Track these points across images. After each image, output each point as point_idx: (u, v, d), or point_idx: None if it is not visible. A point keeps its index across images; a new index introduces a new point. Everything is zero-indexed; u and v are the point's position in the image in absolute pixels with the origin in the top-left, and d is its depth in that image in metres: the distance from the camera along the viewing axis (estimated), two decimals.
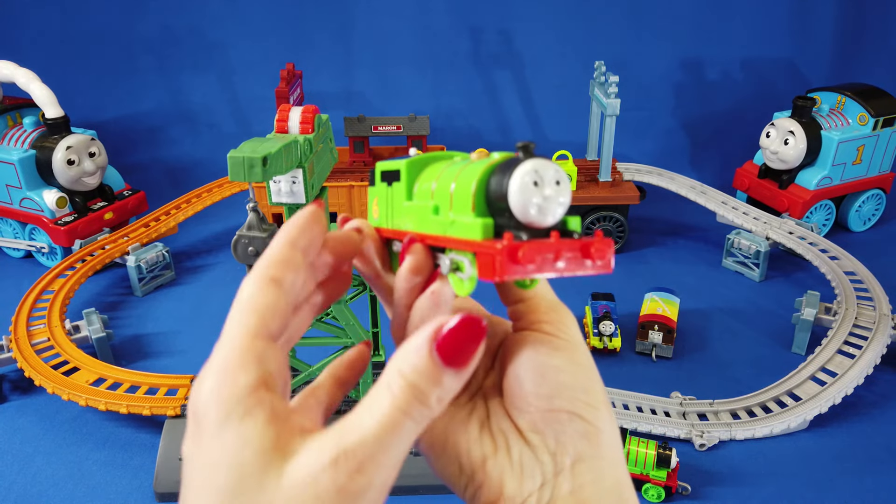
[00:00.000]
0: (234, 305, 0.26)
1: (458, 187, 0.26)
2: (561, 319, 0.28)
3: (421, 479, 1.00)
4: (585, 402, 0.27)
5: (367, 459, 0.22)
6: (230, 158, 0.70)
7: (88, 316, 1.27)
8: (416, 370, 0.22)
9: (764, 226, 1.56)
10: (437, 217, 0.27)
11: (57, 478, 1.03)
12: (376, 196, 0.32)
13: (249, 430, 0.23)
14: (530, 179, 0.23)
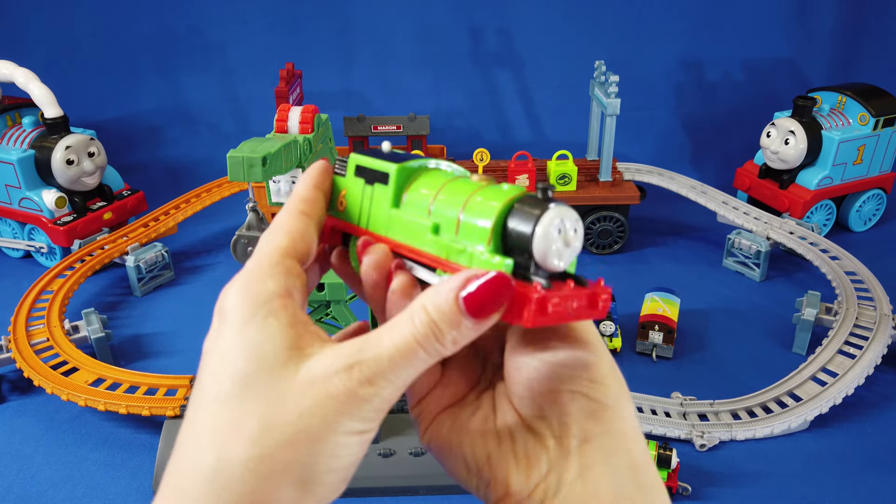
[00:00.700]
0: (267, 230, 0.28)
1: (470, 217, 0.26)
2: None
3: (421, 479, 1.00)
4: (587, 378, 0.26)
5: (377, 374, 0.23)
6: (230, 158, 0.70)
7: (87, 316, 1.27)
8: (440, 310, 0.24)
9: (764, 226, 1.56)
10: (437, 238, 0.27)
11: (56, 478, 1.03)
12: (345, 188, 0.31)
13: (272, 327, 0.24)
14: (555, 229, 0.24)
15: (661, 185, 1.75)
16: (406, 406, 1.14)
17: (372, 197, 0.30)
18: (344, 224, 0.31)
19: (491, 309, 0.24)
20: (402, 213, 0.29)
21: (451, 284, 0.24)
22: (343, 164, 0.32)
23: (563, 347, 0.27)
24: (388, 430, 1.03)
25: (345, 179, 0.32)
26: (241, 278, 0.26)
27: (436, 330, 0.24)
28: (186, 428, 0.25)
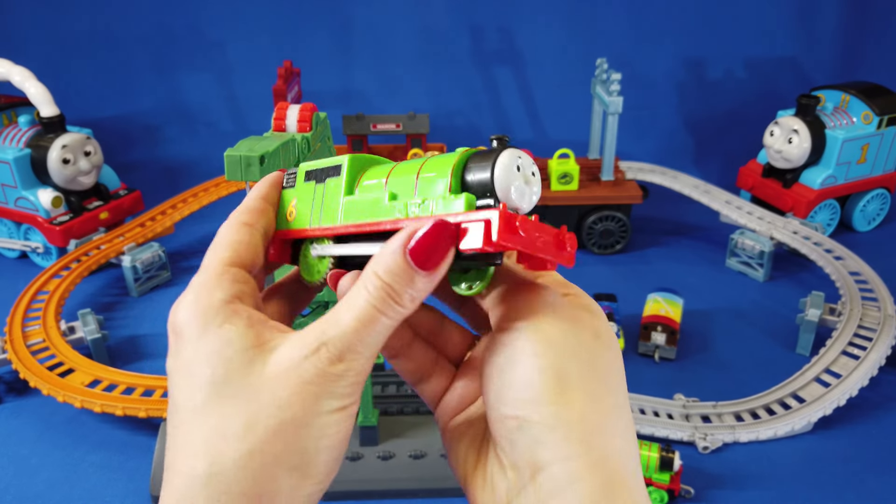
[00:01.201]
0: (210, 246, 0.29)
1: (427, 173, 0.26)
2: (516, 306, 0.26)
3: (420, 482, 0.99)
4: (530, 399, 0.24)
5: (345, 349, 0.24)
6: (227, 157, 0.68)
7: (84, 317, 1.26)
8: (390, 271, 0.24)
9: (768, 225, 1.55)
10: (395, 203, 0.27)
11: (52, 480, 1.02)
12: (294, 197, 0.32)
13: (230, 332, 0.24)
14: (513, 164, 0.25)
15: (664, 185, 1.74)
16: (406, 409, 1.14)
17: (324, 192, 0.30)
18: (295, 232, 0.31)
19: (438, 256, 0.23)
20: (357, 197, 0.29)
21: (395, 244, 0.24)
22: (292, 176, 0.32)
23: (507, 367, 0.25)
24: (387, 433, 1.03)
25: (294, 190, 0.32)
26: (188, 294, 0.26)
27: (391, 291, 0.24)
28: (171, 447, 0.25)
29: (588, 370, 0.25)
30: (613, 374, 0.26)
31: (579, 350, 0.25)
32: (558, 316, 0.25)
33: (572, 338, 0.25)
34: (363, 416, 1.00)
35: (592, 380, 0.25)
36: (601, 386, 0.25)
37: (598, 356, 0.25)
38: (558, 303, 0.26)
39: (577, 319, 0.26)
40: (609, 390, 0.25)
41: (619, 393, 0.26)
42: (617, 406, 0.25)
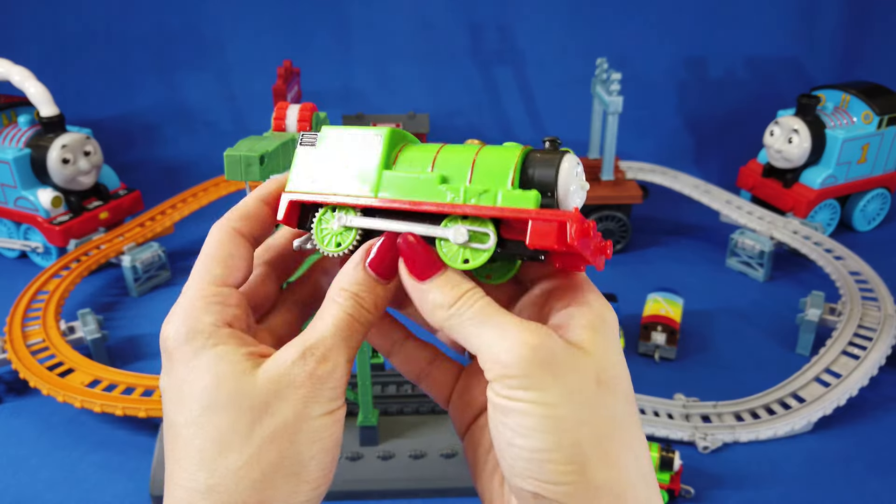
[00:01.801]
0: (201, 253, 0.30)
1: (486, 162, 0.27)
2: (508, 373, 0.24)
3: (420, 482, 0.99)
4: (540, 479, 0.23)
5: (327, 350, 0.26)
6: (227, 157, 0.68)
7: (84, 317, 1.26)
8: (355, 282, 0.27)
9: (768, 225, 1.55)
10: (447, 186, 0.27)
11: (52, 480, 1.02)
12: (314, 159, 0.31)
13: (222, 350, 0.26)
14: (573, 168, 0.27)
15: (664, 185, 1.74)
16: (406, 409, 1.14)
17: (356, 162, 0.30)
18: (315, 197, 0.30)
19: (392, 265, 0.27)
20: (397, 172, 0.29)
21: (356, 259, 0.28)
22: (314, 137, 0.31)
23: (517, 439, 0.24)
24: (387, 433, 1.03)
25: (314, 150, 0.31)
26: (178, 314, 0.27)
27: (358, 299, 0.27)
28: (169, 460, 0.26)
29: (600, 436, 0.24)
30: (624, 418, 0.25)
31: (587, 413, 0.24)
32: (559, 376, 0.24)
33: (576, 401, 0.24)
34: (363, 416, 1.00)
35: (606, 443, 0.24)
36: (614, 443, 0.24)
37: (604, 409, 0.25)
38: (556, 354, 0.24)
39: (577, 369, 0.24)
40: (623, 442, 0.25)
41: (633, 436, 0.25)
42: (636, 458, 0.25)
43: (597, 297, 0.27)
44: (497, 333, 0.25)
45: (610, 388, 0.25)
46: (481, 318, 0.25)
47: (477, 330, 0.25)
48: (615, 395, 0.25)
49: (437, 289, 0.26)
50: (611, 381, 0.25)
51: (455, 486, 0.98)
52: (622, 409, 0.25)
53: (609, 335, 0.26)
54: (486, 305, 0.26)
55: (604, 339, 0.26)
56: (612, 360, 0.26)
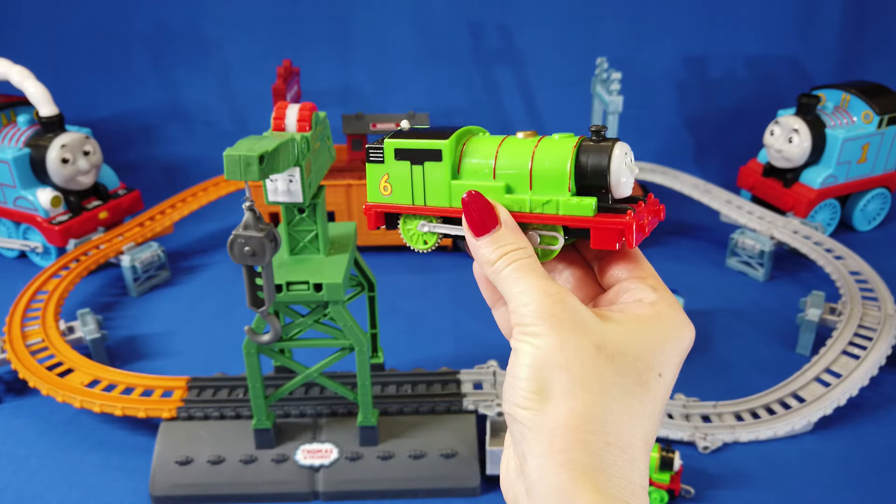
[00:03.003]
0: None
1: (543, 168, 0.30)
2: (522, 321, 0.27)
3: (420, 482, 0.99)
4: (514, 401, 0.26)
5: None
6: (226, 157, 0.68)
7: (83, 317, 1.26)
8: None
9: (768, 225, 1.55)
10: (514, 196, 0.30)
11: (52, 480, 1.02)
12: (385, 173, 0.33)
13: None
14: (623, 159, 0.29)
15: (664, 184, 1.74)
16: (406, 409, 1.13)
17: (424, 174, 0.32)
18: (394, 207, 0.33)
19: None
20: (464, 181, 0.31)
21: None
22: (379, 152, 0.33)
23: None
24: (387, 433, 1.02)
25: (384, 165, 0.33)
26: None
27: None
28: None
29: (575, 383, 0.26)
30: (613, 385, 0.26)
31: (571, 363, 0.26)
32: (557, 329, 0.27)
33: (565, 351, 0.26)
34: (363, 416, 0.99)
35: (577, 392, 0.26)
36: (588, 396, 0.26)
37: (595, 368, 0.26)
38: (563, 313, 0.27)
39: (579, 329, 0.27)
40: (598, 401, 0.26)
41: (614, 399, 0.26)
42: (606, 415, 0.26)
43: (671, 303, 0.29)
44: (523, 289, 0.28)
45: (610, 358, 0.27)
46: (517, 276, 0.28)
47: (510, 286, 0.28)
48: (614, 364, 0.26)
49: (487, 245, 0.29)
50: (615, 354, 0.27)
51: (455, 486, 0.98)
52: (617, 380, 0.27)
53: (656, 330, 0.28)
54: (524, 265, 0.28)
55: (639, 327, 0.28)
56: (636, 345, 0.27)
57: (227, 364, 1.22)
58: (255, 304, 0.78)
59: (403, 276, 1.56)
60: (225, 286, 1.52)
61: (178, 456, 0.99)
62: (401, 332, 1.31)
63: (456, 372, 1.13)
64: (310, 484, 0.98)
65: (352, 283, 1.03)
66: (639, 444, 0.26)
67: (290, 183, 0.82)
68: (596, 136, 0.29)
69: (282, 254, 0.90)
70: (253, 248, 0.72)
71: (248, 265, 0.74)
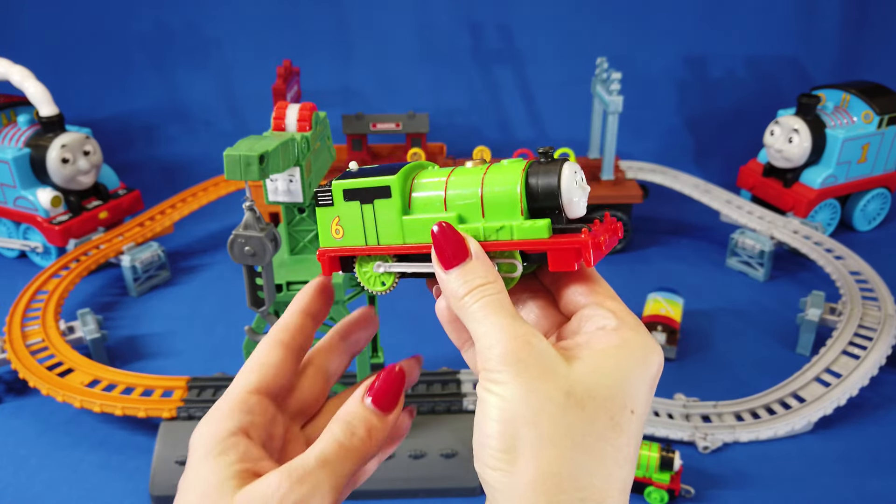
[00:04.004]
0: (246, 363, 0.32)
1: (494, 193, 0.29)
2: (489, 366, 0.26)
3: (420, 482, 0.99)
4: (485, 461, 0.26)
5: (306, 474, 0.27)
6: (226, 157, 0.68)
7: (83, 316, 1.26)
8: (351, 414, 0.29)
9: (768, 225, 1.55)
10: (467, 226, 0.29)
11: (52, 480, 1.02)
12: (336, 216, 0.32)
13: (220, 464, 0.27)
14: (573, 178, 0.28)
15: (664, 184, 1.74)
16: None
17: (374, 213, 0.31)
18: (348, 249, 0.32)
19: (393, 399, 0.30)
20: (415, 216, 0.30)
21: (358, 394, 0.30)
22: (327, 195, 0.32)
23: None
24: None
25: (333, 208, 0.32)
26: (209, 415, 0.29)
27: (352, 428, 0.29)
28: None
29: (545, 439, 0.24)
30: (585, 435, 0.25)
31: (540, 415, 0.25)
32: (524, 376, 0.25)
33: (531, 403, 0.25)
34: None
35: (547, 449, 0.24)
36: (558, 452, 0.24)
37: (564, 419, 0.25)
38: (529, 357, 0.25)
39: (546, 376, 0.25)
40: (569, 457, 0.24)
41: (587, 452, 0.25)
42: (580, 471, 0.24)
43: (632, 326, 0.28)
44: (489, 329, 0.26)
45: (580, 405, 0.25)
46: (484, 313, 0.27)
47: (476, 324, 0.27)
48: (584, 411, 0.25)
49: (457, 278, 0.28)
50: (585, 400, 0.25)
51: (455, 486, 0.98)
52: (588, 428, 0.25)
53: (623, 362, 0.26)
54: (492, 302, 0.27)
55: (606, 362, 0.26)
56: (603, 384, 0.26)
57: (227, 364, 1.22)
58: (255, 304, 0.78)
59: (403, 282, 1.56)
60: (225, 286, 1.52)
61: (178, 456, 0.99)
62: (401, 332, 1.31)
63: (456, 372, 1.13)
64: None
65: (352, 283, 1.03)
66: (615, 495, 0.25)
67: (290, 183, 0.82)
68: (544, 157, 0.29)
69: (282, 254, 0.90)
70: (253, 247, 0.72)
71: (248, 265, 0.74)
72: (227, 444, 0.28)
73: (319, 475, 0.27)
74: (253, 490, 0.27)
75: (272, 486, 0.26)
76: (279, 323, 0.32)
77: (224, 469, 0.27)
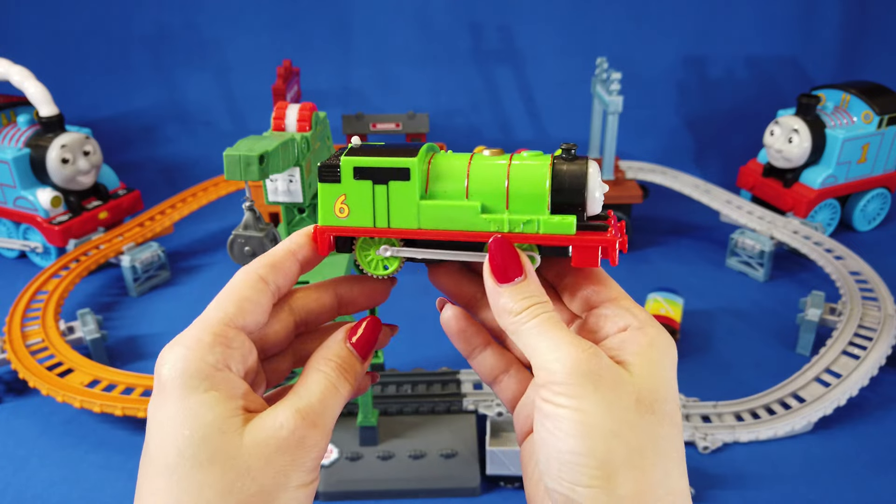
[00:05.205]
0: (222, 290, 0.30)
1: (521, 187, 0.29)
2: (556, 379, 0.26)
3: (420, 482, 0.99)
4: (570, 482, 0.25)
5: (317, 417, 0.27)
6: (226, 157, 0.68)
7: (83, 317, 1.26)
8: (339, 356, 0.29)
9: (768, 225, 1.55)
10: (491, 216, 0.29)
11: (52, 480, 1.02)
12: (342, 193, 0.31)
13: (212, 398, 0.26)
14: (597, 176, 0.29)
15: (664, 184, 1.74)
16: (406, 409, 1.13)
17: (389, 193, 0.30)
18: (351, 230, 0.31)
19: (370, 346, 0.30)
20: (435, 201, 0.30)
21: (339, 336, 0.30)
22: (335, 170, 0.30)
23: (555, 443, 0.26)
24: (387, 433, 1.02)
25: (340, 185, 0.30)
26: (181, 345, 0.27)
27: (342, 371, 0.29)
28: (140, 496, 0.25)
29: (634, 451, 0.25)
30: (660, 439, 0.26)
31: (622, 427, 0.25)
32: (600, 389, 0.25)
33: (613, 414, 0.25)
34: (363, 416, 0.99)
35: (637, 460, 0.25)
36: (648, 462, 0.25)
37: (643, 426, 0.25)
38: (601, 370, 0.26)
39: (619, 385, 0.26)
40: (658, 465, 0.25)
41: (665, 455, 0.26)
42: (665, 476, 0.25)
43: (651, 322, 0.29)
44: (550, 345, 0.27)
45: (650, 409, 0.26)
46: (540, 330, 0.27)
47: (534, 340, 0.27)
48: (654, 415, 0.26)
49: (510, 295, 0.28)
50: (653, 403, 0.26)
51: (455, 486, 0.98)
52: (661, 431, 0.26)
53: (659, 360, 0.27)
54: (548, 319, 0.28)
55: (651, 363, 0.27)
56: (658, 384, 0.27)
57: None
58: None
59: (403, 275, 1.55)
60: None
61: None
62: (401, 332, 1.30)
63: (456, 372, 1.13)
64: None
65: None
66: (687, 490, 0.26)
67: (290, 183, 0.82)
68: (567, 154, 0.29)
69: None
70: (253, 248, 0.72)
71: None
72: (215, 378, 0.26)
73: (326, 416, 0.27)
74: (263, 429, 0.25)
75: (286, 426, 0.25)
76: (265, 258, 0.31)
77: (219, 405, 0.25)
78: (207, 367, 0.26)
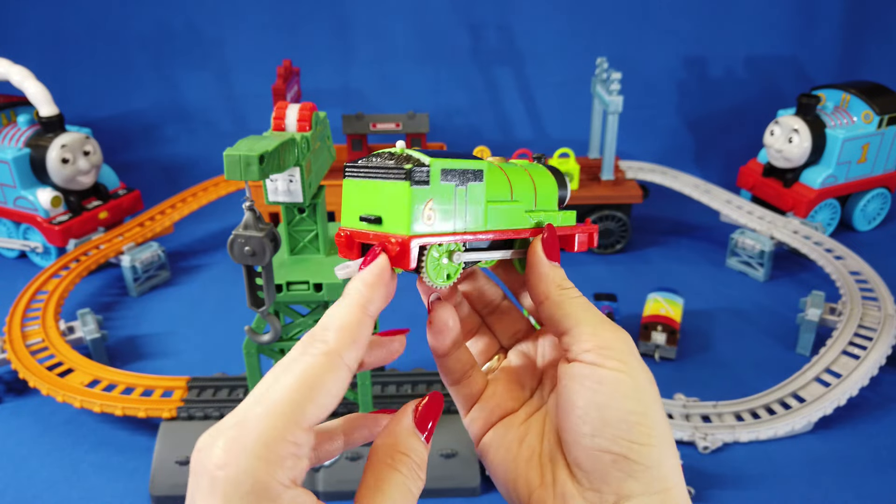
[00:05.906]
0: (293, 372, 0.24)
1: (541, 191, 0.35)
2: (606, 345, 0.29)
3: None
4: (630, 440, 0.27)
5: None
6: (226, 157, 0.68)
7: (83, 316, 1.26)
8: (414, 451, 0.27)
9: (768, 225, 1.55)
10: (531, 214, 0.34)
11: (52, 480, 1.02)
12: (430, 197, 0.27)
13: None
14: None
15: (664, 184, 1.74)
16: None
17: (467, 196, 0.29)
18: (438, 236, 0.28)
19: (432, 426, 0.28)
20: (496, 203, 0.32)
21: (409, 427, 0.28)
22: (424, 172, 0.27)
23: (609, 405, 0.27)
24: None
25: (429, 189, 0.27)
26: (244, 446, 0.22)
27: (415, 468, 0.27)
28: None
29: (661, 414, 0.28)
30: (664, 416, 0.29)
31: (655, 395, 0.29)
32: (640, 364, 0.29)
33: (654, 386, 0.29)
34: None
35: (665, 423, 0.28)
36: (667, 428, 0.29)
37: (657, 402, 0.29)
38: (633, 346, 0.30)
39: (642, 365, 0.29)
40: (668, 429, 0.29)
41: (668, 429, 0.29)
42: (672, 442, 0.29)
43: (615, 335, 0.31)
44: (596, 319, 0.30)
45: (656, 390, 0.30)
46: (585, 306, 0.31)
47: (580, 312, 0.30)
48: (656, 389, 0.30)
49: (558, 272, 0.32)
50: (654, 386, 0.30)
51: (455, 486, 0.98)
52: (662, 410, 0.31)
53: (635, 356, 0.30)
54: (587, 301, 0.32)
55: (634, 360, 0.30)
56: None
57: (227, 364, 1.22)
58: (255, 304, 0.78)
59: (403, 275, 1.56)
60: (225, 286, 1.52)
61: (179, 456, 0.99)
62: None
63: None
64: (310, 483, 0.98)
65: None
66: None
67: (290, 183, 0.82)
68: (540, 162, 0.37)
69: (282, 254, 0.90)
70: (253, 247, 0.72)
71: (248, 265, 0.74)
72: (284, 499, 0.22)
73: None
74: None
75: None
76: (346, 334, 0.26)
77: None
78: (278, 486, 0.22)
